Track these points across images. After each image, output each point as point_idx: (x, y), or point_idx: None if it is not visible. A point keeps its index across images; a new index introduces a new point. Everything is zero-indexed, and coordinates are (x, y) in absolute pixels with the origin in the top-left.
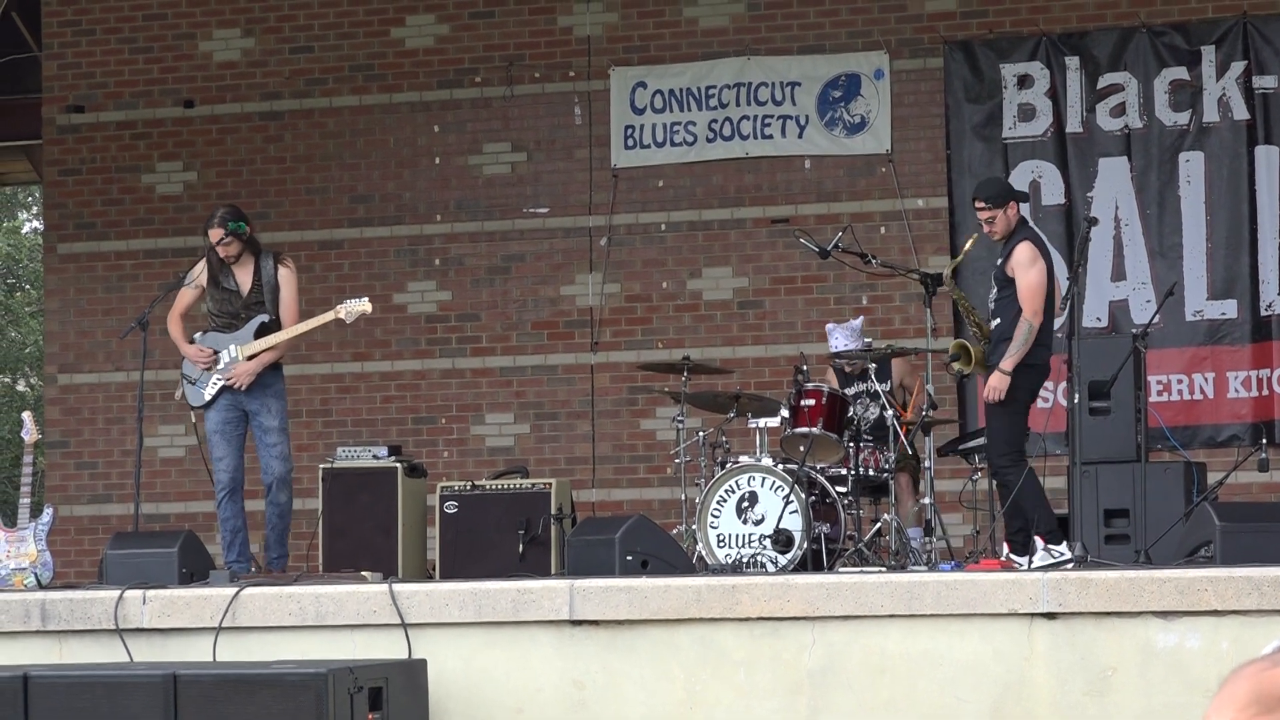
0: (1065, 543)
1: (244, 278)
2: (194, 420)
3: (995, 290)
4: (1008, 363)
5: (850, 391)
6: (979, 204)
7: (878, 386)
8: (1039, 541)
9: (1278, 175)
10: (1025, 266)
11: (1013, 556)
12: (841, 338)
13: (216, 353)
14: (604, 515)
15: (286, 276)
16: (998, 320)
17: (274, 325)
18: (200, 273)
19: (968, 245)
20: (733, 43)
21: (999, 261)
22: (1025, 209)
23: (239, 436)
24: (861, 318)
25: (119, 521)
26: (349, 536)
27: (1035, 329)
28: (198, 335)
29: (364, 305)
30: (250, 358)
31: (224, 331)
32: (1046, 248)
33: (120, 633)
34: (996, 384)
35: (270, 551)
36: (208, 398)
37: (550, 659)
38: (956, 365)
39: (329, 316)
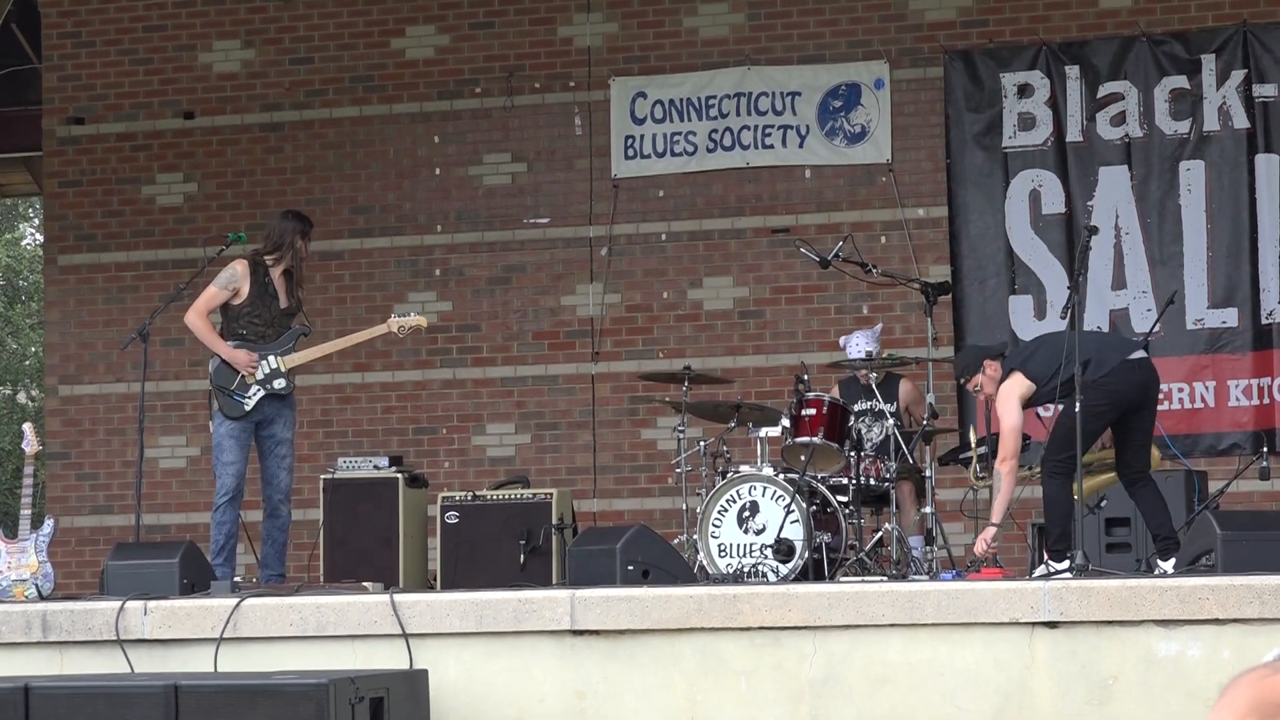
0: (1067, 563)
1: (282, 288)
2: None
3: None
4: (995, 515)
5: (855, 409)
6: (961, 380)
7: (882, 405)
8: (1044, 553)
9: (1278, 183)
10: (1000, 408)
11: (1051, 564)
12: (862, 340)
13: (260, 361)
14: (605, 525)
15: (302, 297)
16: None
17: (309, 338)
18: (243, 277)
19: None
20: (733, 53)
21: None
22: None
23: (249, 445)
24: (880, 325)
25: (120, 532)
26: (350, 547)
27: (1005, 475)
28: (230, 343)
29: (417, 320)
30: (290, 369)
31: (254, 342)
32: (1039, 366)
33: (121, 643)
34: (985, 537)
35: (270, 568)
36: (249, 408)
37: (552, 669)
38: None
39: (380, 330)
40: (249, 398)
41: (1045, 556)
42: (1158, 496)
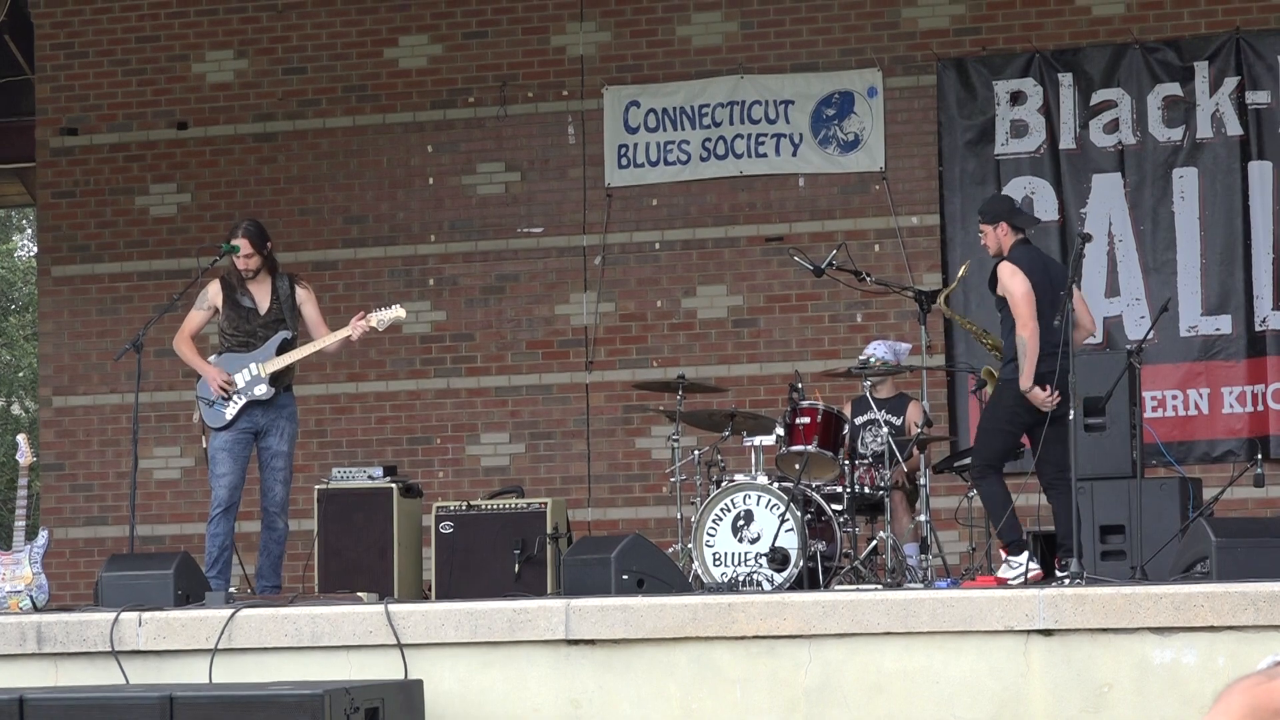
0: (1026, 553)
1: (261, 296)
2: (202, 434)
3: (1001, 315)
4: (1024, 380)
5: (860, 420)
6: (979, 218)
7: (880, 416)
8: (1002, 553)
9: (1271, 190)
10: (1006, 284)
11: (1011, 560)
12: (881, 345)
13: (232, 377)
14: (600, 534)
15: (307, 296)
16: (1005, 341)
17: (294, 342)
18: (215, 295)
19: (961, 271)
20: (726, 61)
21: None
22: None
23: (245, 457)
24: (909, 345)
25: (114, 544)
26: (345, 557)
27: (1028, 339)
28: (212, 358)
29: (396, 312)
30: (276, 374)
31: (240, 351)
32: (1037, 264)
33: (116, 655)
34: (1038, 398)
35: (265, 579)
36: (229, 417)
37: (547, 678)
38: (988, 389)
39: (363, 326)
40: (229, 407)
41: (1004, 555)
42: (1069, 506)
